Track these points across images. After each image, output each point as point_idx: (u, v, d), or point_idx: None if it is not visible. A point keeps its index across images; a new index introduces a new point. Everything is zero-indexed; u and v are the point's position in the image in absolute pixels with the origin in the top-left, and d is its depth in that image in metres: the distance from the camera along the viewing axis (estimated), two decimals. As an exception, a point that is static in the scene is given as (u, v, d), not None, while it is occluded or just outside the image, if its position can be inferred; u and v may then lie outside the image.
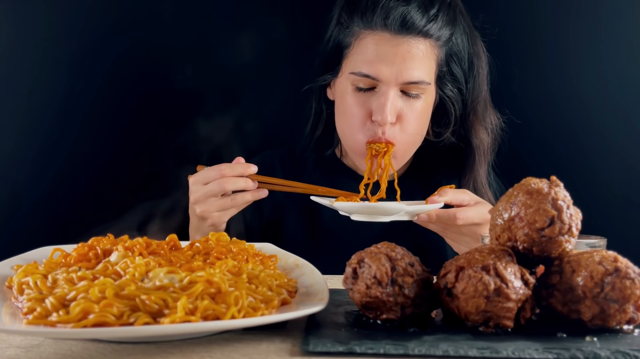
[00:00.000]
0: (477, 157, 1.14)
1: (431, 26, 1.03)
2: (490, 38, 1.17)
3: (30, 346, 0.60)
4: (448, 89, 1.11)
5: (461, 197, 0.97)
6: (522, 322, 0.64)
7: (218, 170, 0.99)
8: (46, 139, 1.41)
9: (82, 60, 1.40)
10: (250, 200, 1.02)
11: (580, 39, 1.38)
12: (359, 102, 1.07)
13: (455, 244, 1.02)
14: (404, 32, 1.02)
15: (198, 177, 1.00)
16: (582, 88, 1.39)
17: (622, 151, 1.38)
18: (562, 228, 0.64)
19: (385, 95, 1.03)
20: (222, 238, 0.85)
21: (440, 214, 0.96)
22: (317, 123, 1.21)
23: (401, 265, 0.64)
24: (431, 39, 1.05)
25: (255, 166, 1.02)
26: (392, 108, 1.03)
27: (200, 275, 0.62)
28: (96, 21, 1.41)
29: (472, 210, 0.96)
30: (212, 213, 1.00)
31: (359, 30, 1.06)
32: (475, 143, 1.14)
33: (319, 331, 0.62)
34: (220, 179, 0.98)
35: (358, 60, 1.06)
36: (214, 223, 1.02)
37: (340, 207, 0.96)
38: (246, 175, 1.01)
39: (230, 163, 1.00)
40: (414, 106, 1.06)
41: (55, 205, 1.41)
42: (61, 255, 0.78)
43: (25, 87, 1.40)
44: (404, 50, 1.02)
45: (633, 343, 0.59)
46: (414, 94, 1.05)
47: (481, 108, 1.14)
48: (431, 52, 1.05)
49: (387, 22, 1.02)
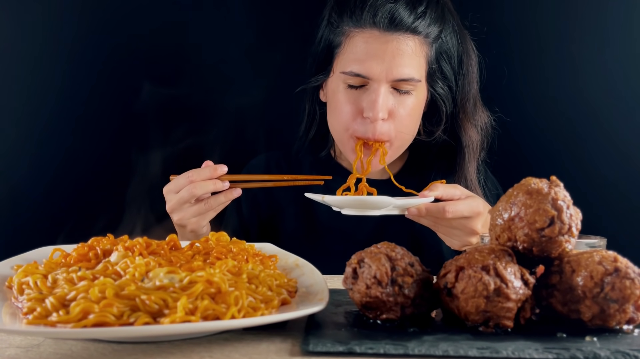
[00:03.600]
0: (466, 155, 1.15)
1: (419, 23, 1.05)
2: (480, 36, 1.18)
3: (30, 346, 0.60)
4: (439, 87, 1.12)
5: (452, 192, 0.98)
6: (522, 322, 0.64)
7: (186, 177, 0.99)
8: (46, 139, 1.41)
9: (79, 60, 1.40)
10: (225, 202, 1.02)
11: (582, 38, 1.38)
12: (350, 99, 1.08)
13: (446, 238, 1.02)
14: (392, 29, 1.04)
15: (170, 186, 1.01)
16: (583, 87, 1.39)
17: (622, 151, 1.38)
18: (562, 228, 0.64)
19: (376, 92, 1.05)
20: (222, 238, 0.85)
21: (429, 208, 0.97)
22: (311, 124, 1.23)
23: (401, 265, 0.64)
24: (420, 35, 1.06)
25: (225, 166, 1.02)
26: (383, 105, 1.05)
27: (200, 275, 0.62)
28: (91, 21, 1.41)
29: (462, 203, 0.97)
30: (189, 220, 1.01)
31: (349, 29, 1.08)
32: (465, 141, 1.15)
33: (319, 331, 0.62)
34: (189, 185, 0.99)
35: (349, 59, 1.07)
36: (193, 229, 1.03)
37: (331, 202, 0.97)
38: (215, 177, 1.01)
39: (198, 169, 1.01)
40: (405, 103, 1.08)
41: (55, 205, 1.41)
42: (61, 255, 0.78)
43: (23, 87, 1.40)
44: (393, 47, 1.04)
45: (633, 343, 0.59)
46: (404, 91, 1.07)
47: (471, 106, 1.15)
48: (420, 49, 1.07)
49: (376, 19, 1.04)
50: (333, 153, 1.27)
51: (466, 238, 0.99)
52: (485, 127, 1.17)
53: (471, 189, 1.14)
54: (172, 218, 1.03)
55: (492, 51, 1.21)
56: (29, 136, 1.41)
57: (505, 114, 1.23)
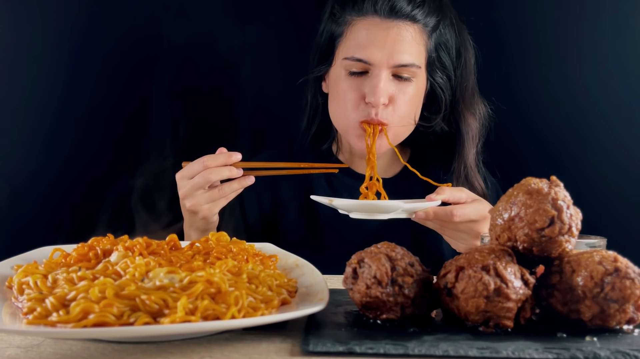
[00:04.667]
0: (466, 142, 1.18)
1: (418, 12, 1.09)
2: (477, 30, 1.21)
3: (30, 346, 0.60)
4: (438, 76, 1.16)
5: (458, 195, 0.99)
6: (522, 322, 0.64)
7: (201, 162, 1.00)
8: (46, 139, 1.41)
9: (80, 60, 1.40)
10: (238, 189, 1.03)
11: (582, 35, 1.38)
12: (352, 85, 1.10)
13: (452, 241, 1.04)
14: (392, 16, 1.08)
15: (184, 172, 1.02)
16: (584, 86, 1.38)
17: (622, 151, 1.38)
18: (562, 228, 0.64)
19: (377, 77, 1.07)
20: (222, 238, 0.85)
21: (437, 211, 0.98)
22: (314, 116, 1.24)
23: (401, 265, 0.64)
24: (419, 24, 1.10)
25: (239, 154, 1.02)
26: (384, 90, 1.07)
27: (200, 275, 0.62)
28: (92, 21, 1.41)
29: (469, 207, 0.98)
30: (201, 206, 1.01)
31: (351, 18, 1.11)
32: (465, 129, 1.18)
33: (319, 331, 0.62)
34: (204, 171, 0.99)
35: (350, 46, 1.10)
36: (205, 216, 1.03)
37: (339, 205, 0.97)
38: (230, 164, 1.01)
39: (212, 154, 1.01)
40: (406, 89, 1.10)
41: (55, 205, 1.41)
42: (61, 255, 0.78)
43: (23, 87, 1.40)
44: (394, 34, 1.08)
45: (633, 343, 0.59)
46: (405, 77, 1.10)
47: (469, 96, 1.19)
48: (420, 37, 1.10)
49: (377, 7, 1.08)
50: (334, 148, 1.28)
51: (472, 241, 1.01)
52: (482, 116, 1.20)
53: (471, 175, 1.18)
54: (185, 205, 1.02)
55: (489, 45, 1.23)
56: (29, 136, 1.41)
57: (504, 113, 1.23)
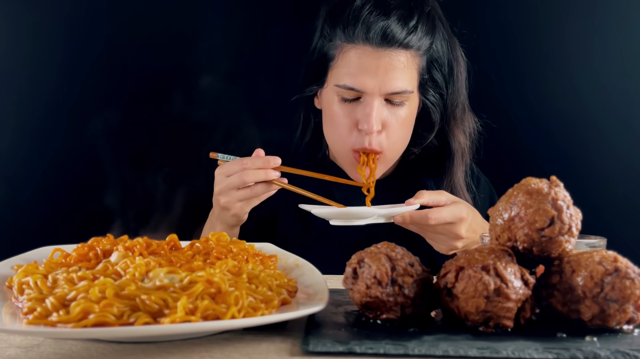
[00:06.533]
0: (455, 159, 1.18)
1: (411, 38, 1.07)
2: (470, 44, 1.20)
3: (30, 346, 0.60)
4: (430, 95, 1.15)
5: (437, 198, 1.01)
6: (522, 322, 0.64)
7: (240, 163, 1.02)
8: (45, 139, 1.41)
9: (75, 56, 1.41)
10: (270, 191, 1.04)
11: (578, 39, 1.38)
12: (345, 112, 1.11)
13: (433, 243, 1.06)
14: (385, 45, 1.06)
15: (223, 169, 1.04)
16: (581, 87, 1.39)
17: (622, 151, 1.38)
18: (562, 228, 0.64)
19: (370, 105, 1.08)
20: (222, 238, 0.85)
21: (413, 215, 1.00)
22: (306, 130, 1.26)
23: (401, 265, 0.64)
24: (412, 49, 1.09)
25: (278, 158, 1.04)
26: (377, 117, 1.08)
27: (200, 275, 0.62)
28: (82, 18, 1.41)
29: (445, 210, 1.00)
30: (234, 204, 1.04)
31: (342, 44, 1.10)
32: (454, 146, 1.18)
33: (319, 331, 0.62)
34: (242, 171, 1.01)
35: (342, 73, 1.10)
36: (236, 213, 1.05)
37: (318, 213, 1.01)
38: (268, 168, 1.03)
39: (252, 157, 1.04)
40: (398, 114, 1.11)
41: (56, 205, 1.41)
42: (61, 255, 0.78)
43: (18, 85, 1.41)
44: (386, 63, 1.07)
45: (633, 343, 0.59)
46: (397, 102, 1.10)
47: (460, 112, 1.18)
48: (412, 61, 1.10)
49: (369, 36, 1.06)
50: (328, 152, 1.29)
51: (452, 243, 1.03)
52: (473, 132, 1.20)
53: (458, 193, 1.17)
54: (219, 201, 1.04)
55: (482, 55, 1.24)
56: (29, 136, 1.41)
57: (504, 113, 1.23)
